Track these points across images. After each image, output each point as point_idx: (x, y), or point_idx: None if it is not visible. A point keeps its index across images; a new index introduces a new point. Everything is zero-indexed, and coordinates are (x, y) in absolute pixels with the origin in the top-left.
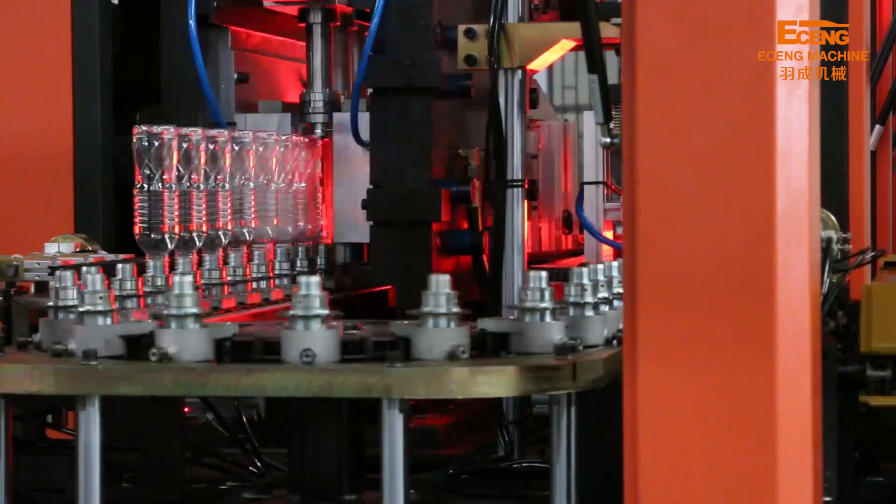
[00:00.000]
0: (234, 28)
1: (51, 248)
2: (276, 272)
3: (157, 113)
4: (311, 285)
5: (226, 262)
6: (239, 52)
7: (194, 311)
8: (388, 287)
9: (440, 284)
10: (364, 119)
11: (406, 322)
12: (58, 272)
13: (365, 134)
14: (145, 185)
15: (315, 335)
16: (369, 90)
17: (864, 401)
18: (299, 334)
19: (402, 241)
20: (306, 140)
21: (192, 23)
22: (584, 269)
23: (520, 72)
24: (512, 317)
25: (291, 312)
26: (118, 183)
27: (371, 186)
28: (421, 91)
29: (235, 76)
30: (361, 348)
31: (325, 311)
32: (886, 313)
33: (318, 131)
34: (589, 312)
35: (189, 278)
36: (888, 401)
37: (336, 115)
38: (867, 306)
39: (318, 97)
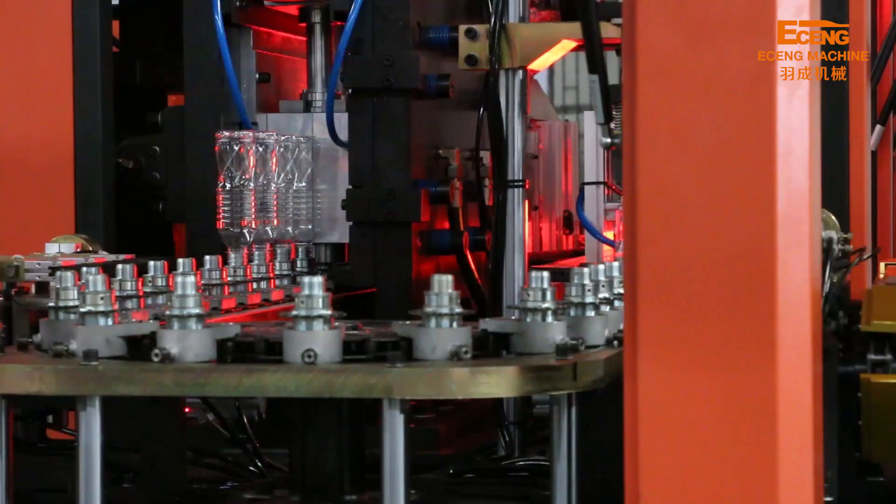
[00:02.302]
0: (255, 27)
1: (51, 249)
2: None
3: (178, 113)
4: (314, 286)
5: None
6: (260, 51)
7: (197, 311)
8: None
9: (443, 284)
10: (343, 119)
11: (408, 322)
12: (58, 272)
13: (344, 134)
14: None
15: (317, 335)
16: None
17: (864, 378)
18: (301, 335)
19: (381, 242)
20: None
21: (219, 22)
22: (585, 270)
23: (520, 72)
24: (513, 317)
25: (294, 312)
26: (120, 183)
27: (350, 187)
28: (399, 91)
29: (257, 76)
30: (363, 348)
31: (328, 312)
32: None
33: None
34: (590, 313)
35: (191, 279)
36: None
37: (316, 115)
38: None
39: (318, 97)
